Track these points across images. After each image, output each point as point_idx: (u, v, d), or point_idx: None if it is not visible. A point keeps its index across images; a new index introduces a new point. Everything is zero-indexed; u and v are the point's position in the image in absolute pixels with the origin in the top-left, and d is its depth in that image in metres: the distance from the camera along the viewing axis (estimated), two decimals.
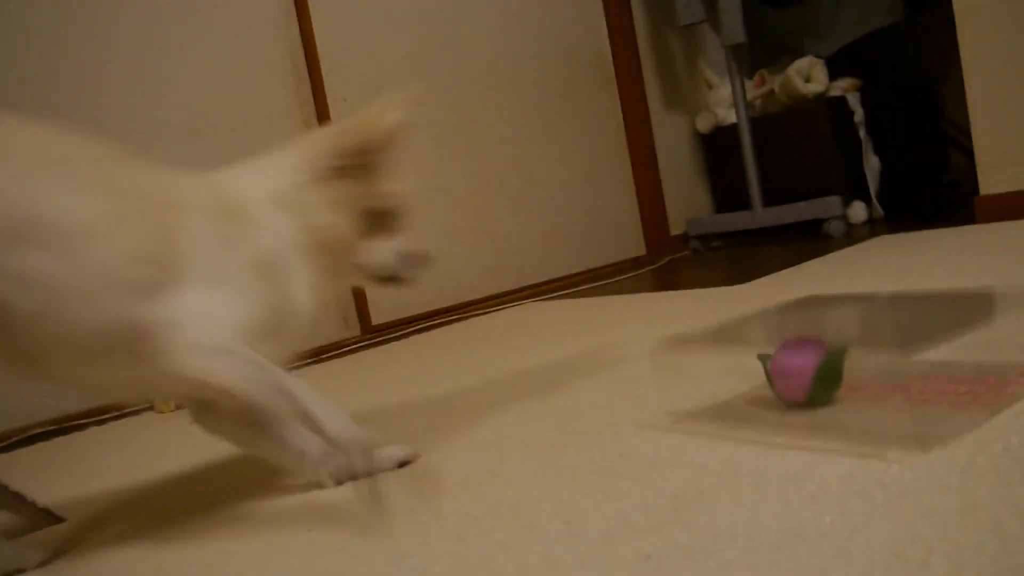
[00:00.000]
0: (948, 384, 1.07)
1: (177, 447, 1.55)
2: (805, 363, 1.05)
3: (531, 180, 3.20)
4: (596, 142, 3.44)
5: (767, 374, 1.09)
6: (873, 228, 3.12)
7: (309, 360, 2.43)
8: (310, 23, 2.67)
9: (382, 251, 1.14)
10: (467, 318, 2.75)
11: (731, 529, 0.77)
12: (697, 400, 1.18)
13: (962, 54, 2.61)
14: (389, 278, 1.16)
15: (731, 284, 2.31)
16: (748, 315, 1.40)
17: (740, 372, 1.21)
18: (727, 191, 3.67)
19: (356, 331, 2.71)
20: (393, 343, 2.52)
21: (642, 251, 3.55)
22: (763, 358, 1.09)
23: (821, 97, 3.35)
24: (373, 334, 2.70)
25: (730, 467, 0.92)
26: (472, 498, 0.99)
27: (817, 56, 3.39)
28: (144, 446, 1.70)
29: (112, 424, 2.01)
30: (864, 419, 1.01)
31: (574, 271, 3.27)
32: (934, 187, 3.67)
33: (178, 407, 2.02)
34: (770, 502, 0.81)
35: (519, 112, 3.20)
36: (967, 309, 1.16)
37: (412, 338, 2.55)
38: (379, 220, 1.13)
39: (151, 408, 2.07)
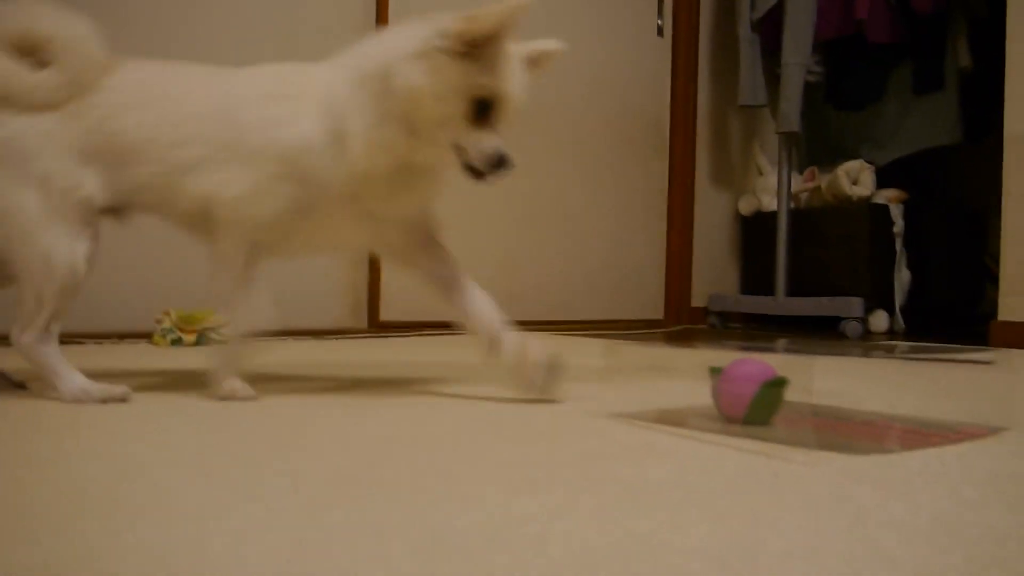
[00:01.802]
0: (884, 429, 1.09)
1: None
2: (747, 384, 1.08)
3: (567, 222, 3.27)
4: (637, 201, 3.51)
5: (712, 389, 1.12)
6: (891, 339, 3.12)
7: (310, 336, 2.50)
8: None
9: (488, 142, 1.19)
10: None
11: (618, 478, 0.80)
12: (651, 405, 1.22)
13: (1004, 179, 2.64)
14: (478, 171, 1.20)
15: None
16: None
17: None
18: (755, 275, 3.70)
19: (363, 323, 2.78)
20: (396, 339, 2.58)
21: (660, 315, 3.58)
22: (714, 371, 1.13)
23: (865, 201, 3.38)
24: (379, 329, 2.76)
25: (645, 444, 0.96)
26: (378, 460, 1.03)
27: (870, 162, 3.44)
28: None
29: (108, 345, 2.09)
30: (792, 437, 1.03)
31: (591, 318, 3.31)
32: (963, 316, 3.66)
33: (174, 342, 2.09)
34: (665, 467, 0.84)
35: (569, 156, 3.28)
36: None
37: (415, 339, 2.61)
38: (481, 113, 1.18)
39: (148, 338, 2.15)
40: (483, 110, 1.18)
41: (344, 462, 0.87)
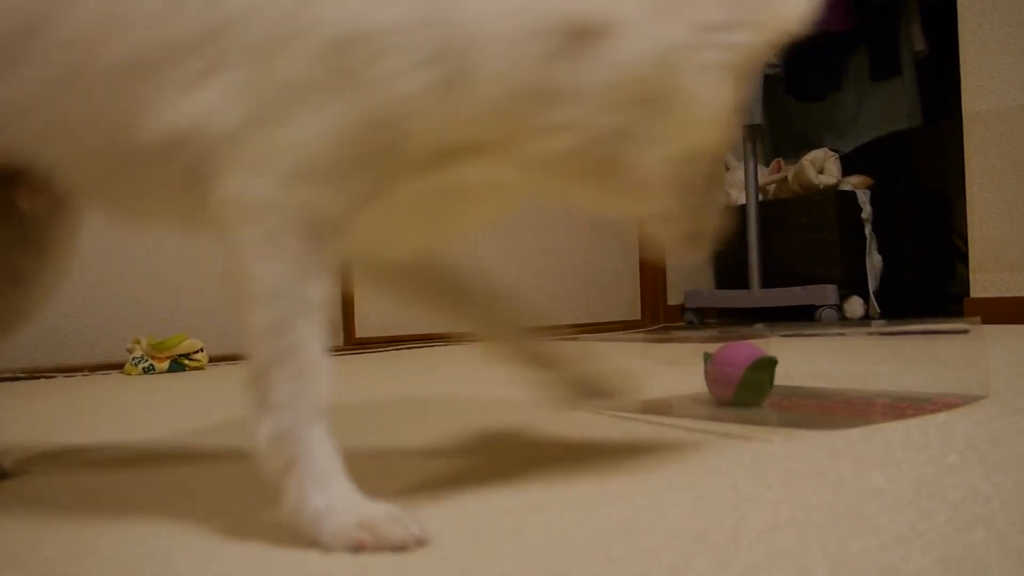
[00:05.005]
0: (865, 405, 1.09)
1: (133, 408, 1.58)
2: (736, 365, 1.08)
3: (536, 225, 3.26)
4: None
5: (705, 373, 1.12)
6: (869, 322, 3.13)
7: None
8: None
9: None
10: (451, 344, 2.79)
11: (597, 469, 0.79)
12: (634, 396, 1.21)
13: (967, 157, 2.66)
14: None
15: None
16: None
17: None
18: (729, 269, 3.71)
19: (339, 341, 2.75)
20: (374, 355, 2.56)
21: (636, 315, 3.57)
22: (707, 356, 1.13)
23: (831, 189, 3.41)
24: (355, 346, 2.73)
25: (626, 434, 0.95)
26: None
27: (834, 151, 3.46)
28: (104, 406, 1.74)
29: (79, 378, 2.05)
30: (773, 418, 1.03)
31: (567, 323, 3.30)
32: (935, 296, 3.69)
33: (146, 371, 2.06)
34: (646, 456, 0.83)
35: None
36: None
37: (393, 353, 2.59)
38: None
39: (120, 369, 2.11)
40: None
41: None
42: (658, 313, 3.59)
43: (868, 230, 3.42)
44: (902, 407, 1.04)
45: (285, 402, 0.60)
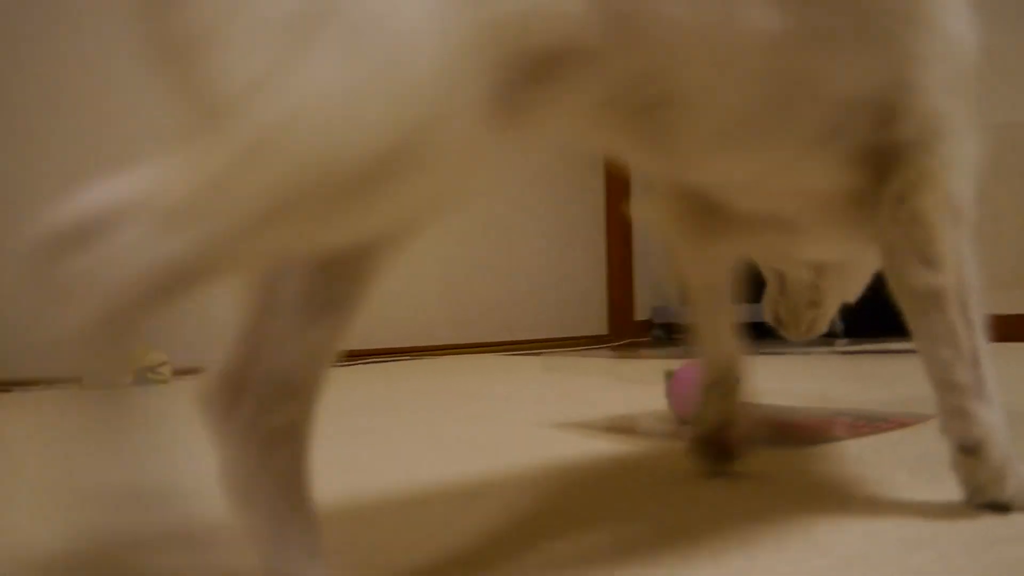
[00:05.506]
0: (824, 424, 1.11)
1: None
2: (697, 384, 1.09)
3: (505, 241, 3.27)
4: (575, 216, 3.53)
5: (666, 391, 1.13)
6: (832, 341, 3.17)
7: None
8: None
9: None
10: (419, 359, 2.78)
11: (555, 489, 0.80)
12: (600, 413, 1.23)
13: None
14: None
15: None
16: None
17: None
18: None
19: None
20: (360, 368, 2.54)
21: (604, 330, 3.59)
22: (668, 374, 1.14)
23: None
24: (346, 358, 2.71)
25: (590, 452, 0.96)
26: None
27: None
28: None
29: (36, 392, 2.02)
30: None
31: (534, 337, 3.30)
32: (899, 312, 3.74)
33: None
34: (606, 475, 0.84)
35: (504, 173, 3.28)
36: None
37: (358, 368, 2.58)
38: None
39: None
40: None
41: None
42: (626, 328, 3.61)
43: None
44: (859, 425, 1.06)
45: None
